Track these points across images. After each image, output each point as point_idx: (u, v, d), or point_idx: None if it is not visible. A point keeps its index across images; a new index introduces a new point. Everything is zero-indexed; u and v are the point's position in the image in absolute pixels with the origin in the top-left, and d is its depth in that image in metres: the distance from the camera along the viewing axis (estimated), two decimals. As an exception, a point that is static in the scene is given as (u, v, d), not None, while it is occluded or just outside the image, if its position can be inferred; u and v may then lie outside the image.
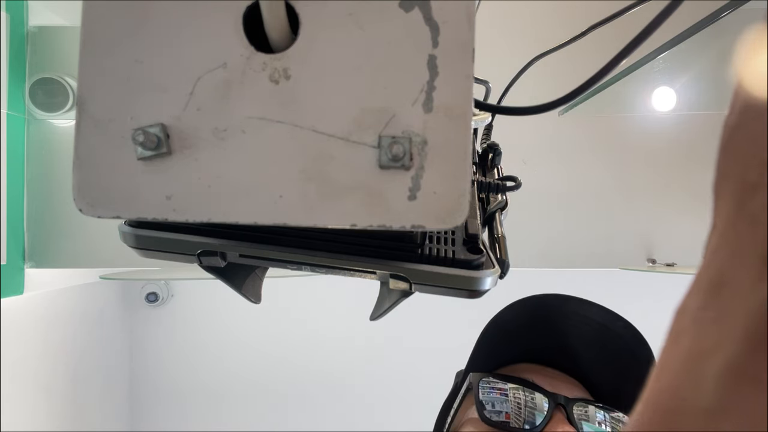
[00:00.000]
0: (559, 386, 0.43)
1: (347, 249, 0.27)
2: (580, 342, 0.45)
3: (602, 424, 0.39)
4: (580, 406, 0.40)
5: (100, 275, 1.34)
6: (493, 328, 0.46)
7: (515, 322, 0.46)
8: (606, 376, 0.44)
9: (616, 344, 0.44)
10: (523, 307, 0.46)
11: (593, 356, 0.44)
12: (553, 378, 0.44)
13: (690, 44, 0.66)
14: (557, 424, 0.39)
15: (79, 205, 0.20)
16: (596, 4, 0.53)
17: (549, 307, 0.45)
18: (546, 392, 0.41)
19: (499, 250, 0.32)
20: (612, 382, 0.44)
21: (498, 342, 0.46)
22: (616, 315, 0.44)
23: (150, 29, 0.20)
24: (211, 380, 2.00)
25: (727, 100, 0.14)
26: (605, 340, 0.44)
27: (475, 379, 0.43)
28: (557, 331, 0.45)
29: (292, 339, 1.99)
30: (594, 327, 0.44)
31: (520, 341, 0.46)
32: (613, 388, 0.44)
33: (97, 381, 1.78)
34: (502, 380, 0.42)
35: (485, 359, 0.46)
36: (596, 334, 0.44)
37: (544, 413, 0.39)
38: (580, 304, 0.45)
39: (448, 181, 0.19)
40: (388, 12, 0.19)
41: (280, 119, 0.19)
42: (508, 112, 0.32)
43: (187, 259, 0.28)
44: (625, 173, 1.25)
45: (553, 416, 0.39)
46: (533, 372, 0.44)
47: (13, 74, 1.08)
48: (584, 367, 0.45)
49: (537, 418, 0.39)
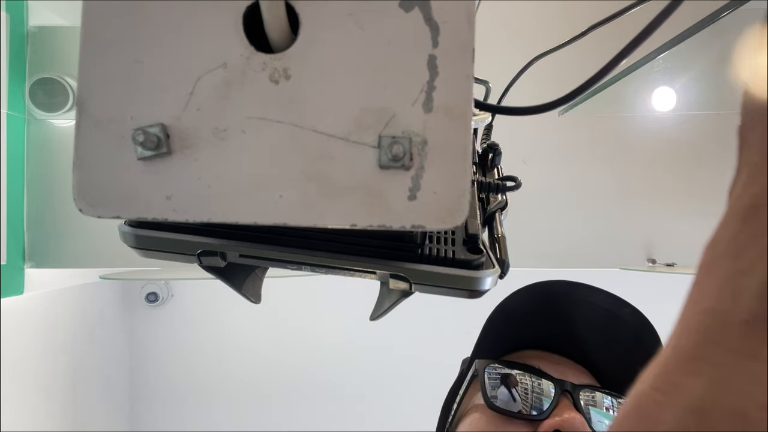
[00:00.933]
0: (565, 372, 0.42)
1: (347, 249, 0.27)
2: (587, 328, 0.44)
3: (609, 409, 0.39)
4: (586, 392, 0.40)
5: (100, 275, 1.34)
6: (499, 314, 0.46)
7: (521, 308, 0.45)
8: (613, 362, 0.44)
9: (622, 330, 0.43)
10: (530, 293, 0.45)
11: (600, 342, 0.44)
12: (560, 364, 0.44)
13: (690, 44, 0.66)
14: (564, 410, 0.38)
15: (79, 205, 0.20)
16: (596, 4, 0.53)
17: (555, 293, 0.45)
18: (553, 378, 0.41)
19: (499, 250, 0.32)
20: (619, 368, 0.43)
21: (504, 328, 0.46)
22: (623, 301, 0.44)
23: (150, 29, 0.20)
24: (210, 380, 2.00)
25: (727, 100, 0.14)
26: (612, 326, 0.44)
27: (480, 365, 0.42)
28: (564, 317, 0.45)
29: (292, 339, 1.99)
30: (601, 313, 0.44)
31: (526, 328, 0.46)
32: (620, 374, 0.43)
33: (97, 381, 1.78)
34: (508, 366, 0.42)
35: (491, 345, 0.46)
36: (603, 320, 0.44)
37: (551, 399, 0.39)
38: (587, 290, 0.45)
39: (448, 181, 0.19)
40: (388, 12, 0.19)
41: (280, 119, 0.19)
42: (508, 112, 0.32)
43: (187, 259, 0.28)
44: (625, 173, 1.25)
45: (559, 402, 0.39)
46: (540, 358, 0.44)
47: (13, 74, 1.08)
48: (591, 354, 0.45)
49: (544, 404, 0.39)
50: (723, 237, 0.14)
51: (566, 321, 0.45)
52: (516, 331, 0.46)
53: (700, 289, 0.14)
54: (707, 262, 0.14)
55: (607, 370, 0.44)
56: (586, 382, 0.42)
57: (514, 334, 0.46)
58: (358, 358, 1.99)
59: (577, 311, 0.44)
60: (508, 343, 0.46)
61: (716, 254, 0.14)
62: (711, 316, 0.13)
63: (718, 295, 0.13)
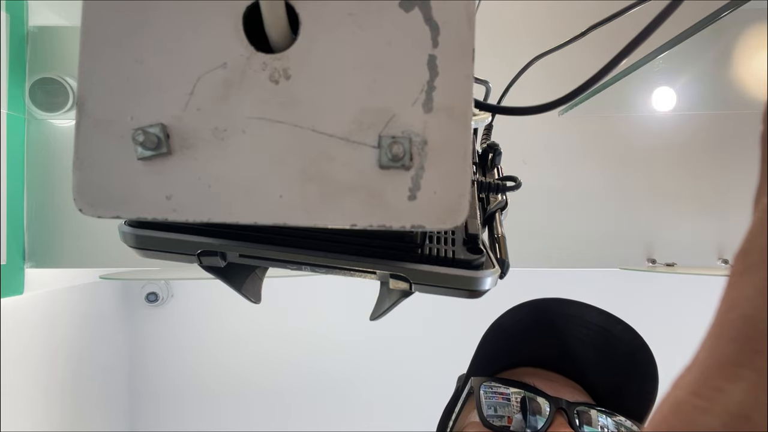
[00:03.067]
0: (560, 390, 0.43)
1: (347, 249, 0.27)
2: (581, 345, 0.45)
3: (604, 427, 0.39)
4: (581, 410, 0.40)
5: (100, 275, 1.34)
6: (494, 332, 0.46)
7: (516, 326, 0.46)
8: (607, 379, 0.44)
9: (616, 347, 0.44)
10: (523, 311, 0.46)
11: (594, 360, 0.45)
12: (555, 382, 0.44)
13: (690, 44, 0.66)
14: (559, 427, 0.39)
15: (79, 205, 0.20)
16: (596, 4, 0.53)
17: (549, 311, 0.45)
18: (547, 396, 0.41)
19: (499, 250, 0.32)
20: (613, 385, 0.44)
21: (499, 346, 0.46)
22: (615, 318, 0.44)
23: (150, 29, 0.20)
24: (210, 380, 2.00)
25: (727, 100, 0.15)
26: (605, 343, 0.44)
27: (476, 383, 0.43)
28: (557, 335, 0.45)
29: (292, 339, 1.99)
30: (594, 330, 0.44)
31: (520, 345, 0.46)
32: (614, 391, 0.44)
33: (97, 381, 1.78)
34: (503, 384, 0.42)
35: (486, 363, 0.46)
36: (596, 337, 0.44)
37: (546, 417, 0.39)
38: (580, 307, 0.45)
39: (448, 181, 0.19)
40: (388, 12, 0.19)
41: (280, 119, 0.19)
42: (508, 112, 0.32)
43: (187, 259, 0.28)
44: (625, 173, 1.25)
45: (554, 420, 0.39)
46: (534, 376, 0.44)
47: (13, 74, 1.08)
48: (585, 371, 0.45)
49: (539, 422, 0.39)
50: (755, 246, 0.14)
51: (560, 338, 0.45)
52: (511, 348, 0.46)
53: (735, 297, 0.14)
54: (741, 270, 0.15)
55: (601, 387, 0.45)
56: (581, 400, 0.42)
57: (509, 351, 0.47)
58: (359, 358, 1.99)
59: (571, 328, 0.45)
60: (503, 360, 0.47)
61: (750, 263, 0.14)
62: (749, 323, 0.14)
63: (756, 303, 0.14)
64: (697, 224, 1.23)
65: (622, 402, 0.43)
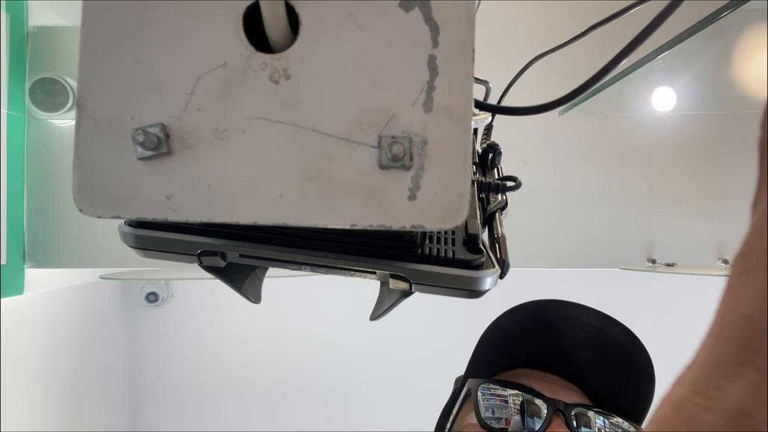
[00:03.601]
0: (557, 391, 0.43)
1: (347, 249, 0.27)
2: (578, 347, 0.45)
3: (601, 429, 0.39)
4: (578, 411, 0.40)
5: (100, 275, 1.34)
6: (491, 333, 0.46)
7: (514, 327, 0.46)
8: (604, 380, 0.44)
9: (613, 349, 0.44)
10: (521, 312, 0.46)
11: (591, 361, 0.45)
12: (552, 383, 0.44)
13: (690, 44, 0.66)
14: (556, 429, 0.39)
15: (79, 205, 0.20)
16: (596, 4, 0.53)
17: (546, 312, 0.46)
18: (545, 397, 0.41)
19: (499, 250, 0.32)
20: (610, 386, 0.44)
21: (496, 348, 0.46)
22: (612, 320, 0.44)
23: (150, 29, 0.20)
24: (210, 380, 2.00)
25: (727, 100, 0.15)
26: (603, 345, 0.44)
27: (473, 384, 0.43)
28: (555, 336, 0.45)
29: (292, 339, 1.99)
30: (591, 332, 0.44)
31: (518, 347, 0.46)
32: (611, 392, 0.44)
33: (97, 381, 1.78)
34: (501, 386, 0.42)
35: (484, 365, 0.46)
36: (593, 339, 0.44)
37: (543, 418, 0.39)
38: (577, 309, 0.45)
39: (448, 181, 0.19)
40: (388, 12, 0.19)
41: (280, 119, 0.19)
42: (508, 112, 0.32)
43: (187, 259, 0.28)
44: (625, 173, 1.25)
45: (552, 421, 0.39)
46: (532, 377, 0.44)
47: (13, 74, 1.08)
48: (582, 373, 0.45)
49: (536, 424, 0.39)
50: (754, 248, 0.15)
51: (558, 340, 0.45)
52: (508, 350, 0.47)
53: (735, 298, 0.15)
54: (741, 272, 0.15)
55: (599, 388, 0.45)
56: (578, 401, 0.42)
57: (506, 353, 0.47)
58: (358, 358, 1.99)
59: (568, 330, 0.45)
60: (501, 362, 0.47)
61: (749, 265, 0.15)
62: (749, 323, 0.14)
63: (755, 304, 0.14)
64: (696, 224, 1.23)
65: (620, 403, 0.43)
